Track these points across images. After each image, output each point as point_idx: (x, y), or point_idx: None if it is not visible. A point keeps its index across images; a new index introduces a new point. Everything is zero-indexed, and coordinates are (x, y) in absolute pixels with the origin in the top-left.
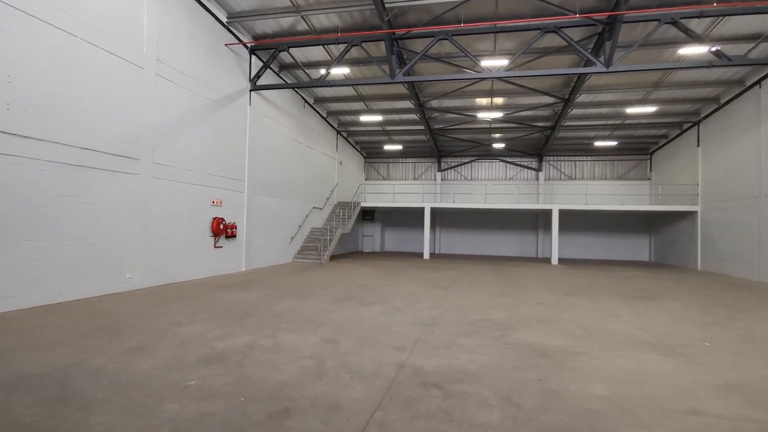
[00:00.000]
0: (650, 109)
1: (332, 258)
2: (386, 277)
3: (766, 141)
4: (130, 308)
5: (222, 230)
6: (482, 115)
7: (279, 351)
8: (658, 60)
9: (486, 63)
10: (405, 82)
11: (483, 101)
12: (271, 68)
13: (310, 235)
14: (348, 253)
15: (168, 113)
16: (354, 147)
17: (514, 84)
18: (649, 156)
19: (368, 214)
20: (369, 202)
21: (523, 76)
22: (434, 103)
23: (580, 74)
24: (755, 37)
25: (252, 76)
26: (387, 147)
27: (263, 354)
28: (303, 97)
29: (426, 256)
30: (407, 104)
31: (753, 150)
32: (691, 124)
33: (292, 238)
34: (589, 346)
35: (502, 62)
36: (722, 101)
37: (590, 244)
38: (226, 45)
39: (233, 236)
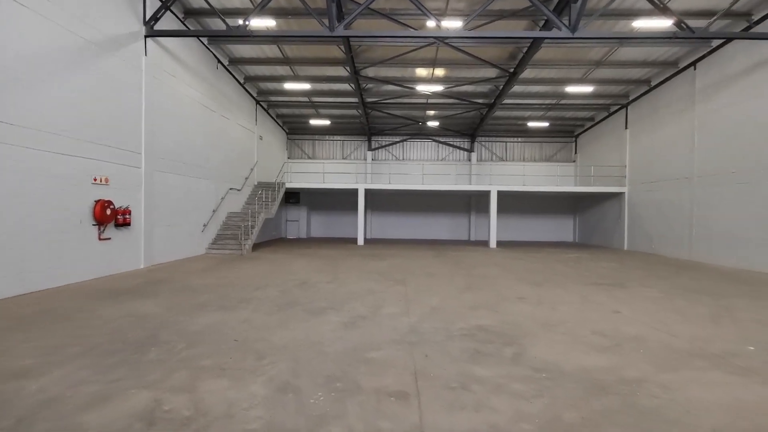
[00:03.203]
0: (588, 88)
1: (254, 247)
2: (326, 269)
3: (700, 122)
4: None
5: (110, 217)
6: (422, 88)
7: (205, 424)
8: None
9: (435, 23)
10: (347, 36)
11: (423, 72)
12: (172, 11)
13: (227, 221)
14: (271, 240)
15: (16, 50)
16: (275, 121)
17: (461, 51)
18: (574, 138)
19: (292, 197)
20: (295, 183)
21: (481, 37)
22: (371, 72)
23: (531, 45)
24: (708, 14)
25: (147, 18)
26: (313, 122)
27: None
28: (216, 56)
29: (360, 242)
30: (341, 71)
31: (686, 131)
32: (620, 106)
33: (205, 225)
34: (638, 366)
35: (454, 24)
36: (653, 83)
37: (518, 226)
38: None
39: (126, 224)
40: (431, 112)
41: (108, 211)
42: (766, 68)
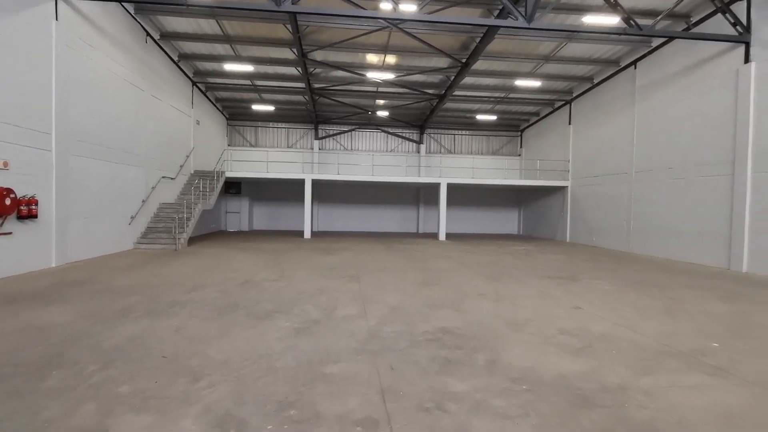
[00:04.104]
0: (536, 83)
1: (191, 241)
2: (271, 265)
3: (639, 120)
4: None
5: (9, 207)
6: (372, 75)
7: None
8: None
9: (389, 6)
10: (294, 13)
11: (375, 59)
12: None
13: (159, 213)
14: (209, 233)
15: None
16: (214, 105)
17: (414, 38)
18: (519, 133)
19: (233, 187)
20: (236, 172)
21: (437, 22)
22: (319, 56)
23: (485, 34)
24: (652, 13)
25: None
26: (256, 107)
27: None
28: (144, 28)
29: (307, 234)
30: (287, 53)
31: (625, 128)
32: (564, 102)
33: (132, 218)
34: (615, 370)
35: (408, 8)
36: (596, 81)
37: (465, 218)
38: None
39: (32, 216)
40: (381, 102)
41: (7, 201)
42: (701, 69)
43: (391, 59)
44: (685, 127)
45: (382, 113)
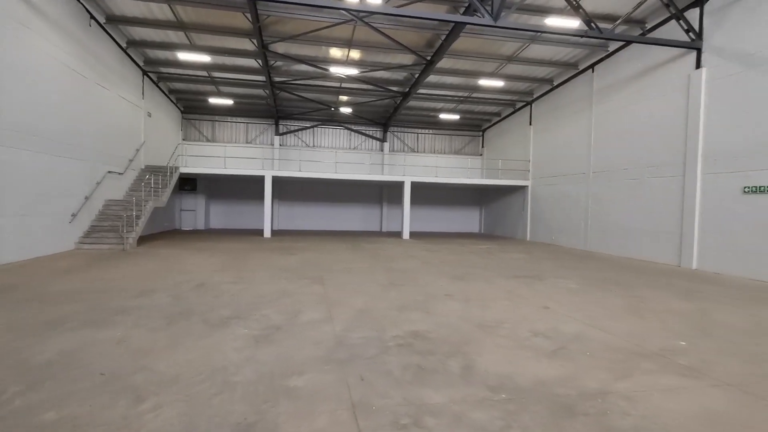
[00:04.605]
0: (498, 83)
1: (141, 241)
2: (229, 266)
3: (597, 122)
4: None
5: None
6: (336, 70)
7: None
8: None
9: None
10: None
11: (338, 53)
12: None
13: (105, 211)
14: (162, 232)
15: None
16: (167, 96)
17: (380, 33)
18: (481, 133)
19: (188, 184)
20: (191, 168)
21: (403, 15)
22: (281, 48)
23: (450, 31)
24: (611, 18)
25: None
26: (213, 101)
27: None
28: (88, 10)
29: (267, 234)
30: (246, 44)
31: (583, 130)
32: (525, 103)
33: (74, 215)
34: (593, 374)
35: (373, 0)
36: (555, 83)
37: (427, 216)
38: None
39: None
40: (344, 98)
41: None
42: (655, 74)
43: (355, 54)
44: (639, 130)
45: (346, 110)
